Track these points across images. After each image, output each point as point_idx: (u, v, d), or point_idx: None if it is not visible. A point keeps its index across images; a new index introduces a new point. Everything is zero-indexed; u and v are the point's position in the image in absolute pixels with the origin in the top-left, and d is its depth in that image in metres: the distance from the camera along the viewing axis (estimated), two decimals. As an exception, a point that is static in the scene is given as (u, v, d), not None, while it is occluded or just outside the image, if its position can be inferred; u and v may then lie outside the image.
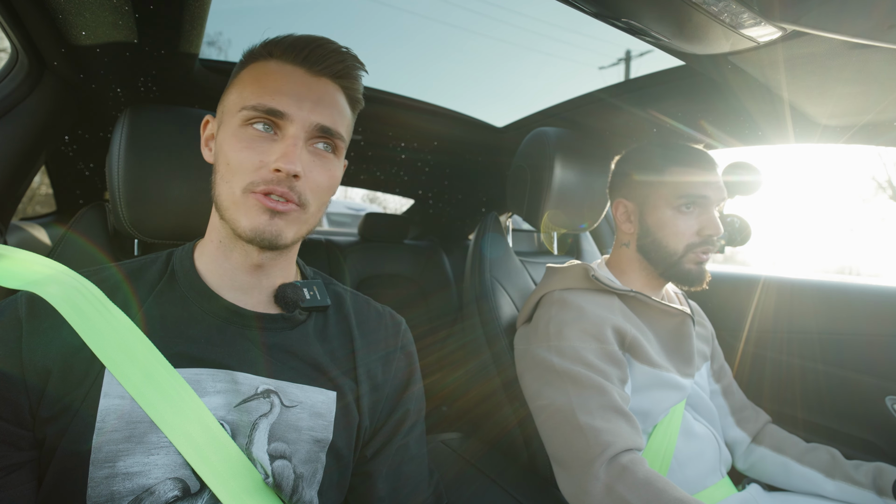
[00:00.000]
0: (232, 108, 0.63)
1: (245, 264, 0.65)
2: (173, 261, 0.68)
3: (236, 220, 0.61)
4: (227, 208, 0.62)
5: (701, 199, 1.00)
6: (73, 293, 0.59)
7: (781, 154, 2.03)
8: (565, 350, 0.96)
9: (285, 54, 0.64)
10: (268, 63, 0.64)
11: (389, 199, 13.33)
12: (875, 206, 16.33)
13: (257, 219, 0.60)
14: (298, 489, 0.61)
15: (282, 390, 0.62)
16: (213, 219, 0.67)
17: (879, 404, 1.19)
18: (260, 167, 0.60)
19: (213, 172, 0.66)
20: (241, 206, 0.61)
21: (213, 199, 0.65)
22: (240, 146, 0.61)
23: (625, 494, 0.78)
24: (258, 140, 0.61)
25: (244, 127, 0.61)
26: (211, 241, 0.67)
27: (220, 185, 0.62)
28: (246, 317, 0.65)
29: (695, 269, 1.02)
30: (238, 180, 0.60)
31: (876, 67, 0.68)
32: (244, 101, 0.61)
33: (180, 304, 0.63)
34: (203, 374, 0.59)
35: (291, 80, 0.63)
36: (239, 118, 0.61)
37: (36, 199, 6.70)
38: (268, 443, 0.60)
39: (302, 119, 0.61)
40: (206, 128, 0.70)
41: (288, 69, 0.64)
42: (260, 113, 0.60)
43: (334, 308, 0.75)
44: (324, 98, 0.64)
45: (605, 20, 0.70)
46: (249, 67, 0.65)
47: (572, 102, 1.27)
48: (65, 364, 0.56)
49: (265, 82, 0.62)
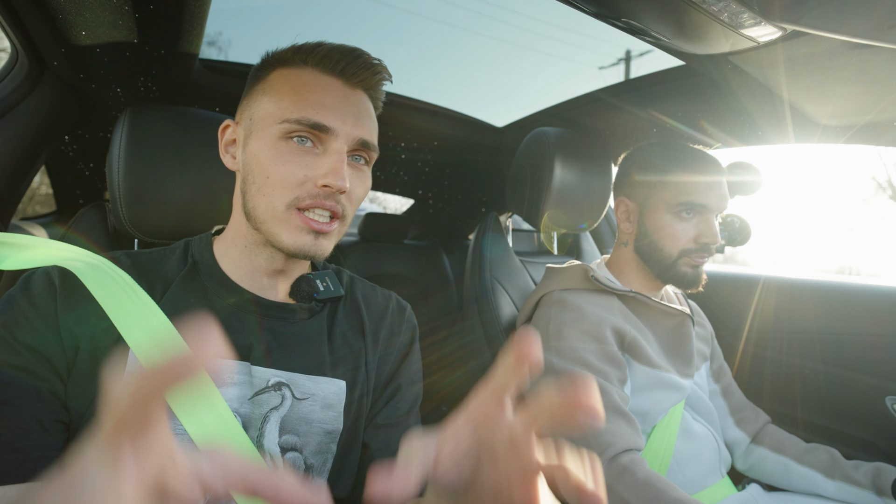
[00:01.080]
0: (268, 117, 0.62)
1: (269, 268, 0.67)
2: (192, 252, 0.68)
3: (277, 235, 0.61)
4: (266, 222, 0.61)
5: (701, 206, 1.00)
6: (98, 271, 0.59)
7: (781, 154, 2.03)
8: (565, 350, 0.96)
9: (322, 64, 0.63)
10: (302, 72, 0.63)
11: (389, 199, 13.34)
12: (875, 206, 16.35)
13: (301, 238, 0.60)
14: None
15: (293, 382, 0.63)
16: (238, 225, 0.67)
17: (879, 404, 1.19)
18: (304, 182, 0.60)
19: (241, 181, 0.65)
20: (283, 223, 0.60)
21: (243, 207, 0.65)
22: (283, 160, 0.60)
23: (625, 495, 0.78)
24: (301, 154, 0.60)
25: (285, 140, 0.60)
26: (236, 244, 0.67)
27: (257, 198, 0.62)
28: (264, 307, 0.66)
29: (690, 271, 1.02)
30: (280, 195, 0.60)
31: (876, 67, 0.68)
32: (285, 114, 0.60)
33: (201, 294, 0.64)
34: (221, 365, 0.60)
35: (332, 93, 0.62)
36: (278, 130, 0.60)
37: (36, 199, 6.70)
38: (279, 435, 0.60)
39: (346, 134, 0.61)
40: (226, 133, 0.68)
41: (326, 81, 0.63)
42: (304, 126, 0.60)
43: (346, 297, 0.75)
44: (362, 112, 0.64)
45: (605, 20, 0.70)
46: (280, 73, 0.64)
47: (572, 102, 1.27)
48: (92, 340, 0.56)
49: (305, 94, 0.61)
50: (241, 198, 0.65)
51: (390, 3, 51.87)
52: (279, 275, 0.68)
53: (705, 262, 1.03)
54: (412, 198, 2.40)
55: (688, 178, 1.01)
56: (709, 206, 1.00)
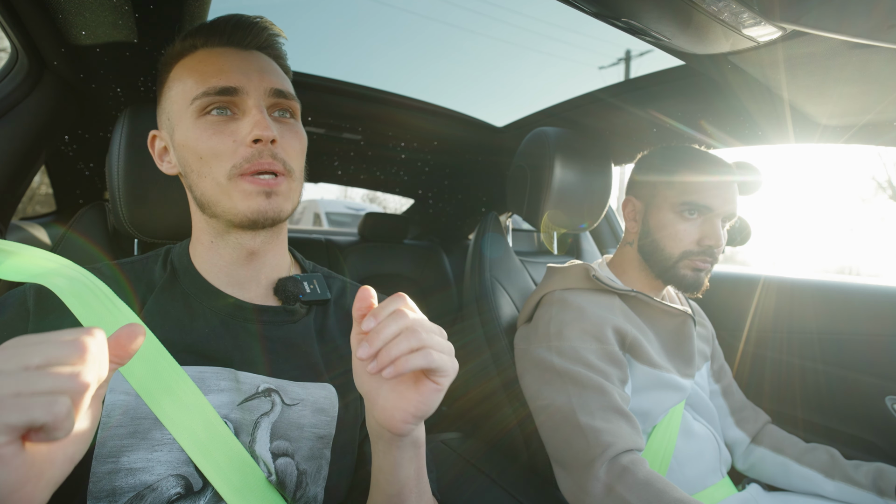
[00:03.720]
0: (179, 106, 0.62)
1: (239, 256, 0.65)
2: (172, 258, 0.68)
3: (231, 208, 0.60)
4: (216, 200, 0.61)
5: (705, 207, 0.98)
6: (79, 286, 0.59)
7: (781, 154, 2.03)
8: (566, 350, 0.95)
9: (210, 40, 0.64)
10: (194, 55, 0.64)
11: (389, 198, 13.33)
12: (875, 206, 16.34)
13: (255, 201, 0.60)
14: (302, 486, 0.61)
15: (282, 389, 0.62)
16: (197, 221, 0.67)
17: (879, 404, 1.19)
18: (236, 148, 0.60)
19: (184, 177, 0.65)
20: (232, 193, 0.60)
21: (194, 201, 0.65)
22: (206, 135, 0.60)
23: (625, 495, 0.78)
24: (222, 124, 0.60)
25: (202, 117, 0.61)
26: (201, 242, 0.67)
27: (199, 181, 0.62)
28: (248, 310, 0.65)
29: (690, 274, 1.00)
30: (218, 168, 0.60)
31: (876, 67, 0.68)
32: (191, 92, 0.61)
33: (182, 302, 0.63)
34: (207, 372, 0.59)
35: (229, 59, 0.63)
36: (192, 110, 0.61)
37: (36, 199, 6.70)
38: (270, 441, 0.60)
39: (255, 88, 0.61)
40: (155, 143, 0.69)
41: (218, 51, 0.63)
42: (213, 96, 0.60)
43: (335, 301, 0.74)
44: (264, 66, 0.64)
45: (605, 20, 0.70)
46: (178, 66, 0.65)
47: (572, 102, 1.27)
48: None
49: (203, 69, 0.61)
50: (189, 193, 0.65)
51: (390, 3, 51.88)
52: (253, 260, 0.66)
53: (709, 267, 1.00)
54: (412, 198, 2.41)
55: (693, 178, 1.00)
56: (713, 208, 0.98)
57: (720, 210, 0.98)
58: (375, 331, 0.45)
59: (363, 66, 39.78)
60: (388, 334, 0.45)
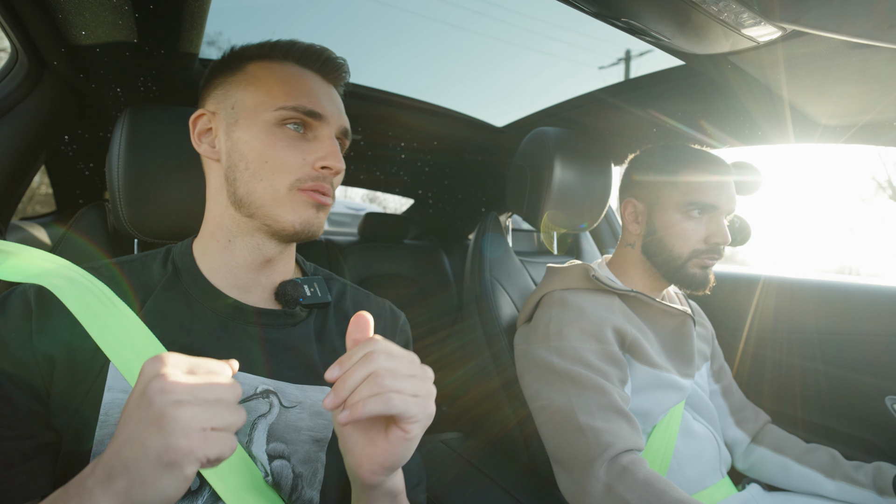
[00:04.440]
0: (258, 106, 0.64)
1: (254, 261, 0.66)
2: (174, 258, 0.68)
3: (279, 216, 0.63)
4: (265, 205, 0.63)
5: (711, 206, 0.99)
6: (78, 286, 0.59)
7: (781, 154, 2.03)
8: (565, 350, 0.95)
9: (303, 60, 0.68)
10: (284, 65, 0.67)
11: (389, 198, 13.33)
12: (875, 206, 16.34)
13: (306, 213, 0.64)
14: (298, 488, 0.61)
15: (281, 391, 0.62)
16: (219, 217, 0.67)
17: (879, 404, 1.19)
18: (303, 165, 0.63)
19: (225, 169, 0.65)
20: (286, 203, 0.63)
21: (231, 196, 0.65)
22: (281, 145, 0.63)
23: (625, 495, 0.78)
24: (296, 139, 0.64)
25: (279, 126, 0.63)
26: (217, 240, 0.67)
27: (252, 183, 0.63)
28: (248, 312, 0.65)
29: (699, 272, 1.01)
30: (281, 178, 0.63)
31: (876, 67, 0.68)
32: (278, 101, 0.63)
33: (183, 301, 0.63)
34: None
35: (317, 85, 0.67)
36: (273, 117, 0.63)
37: (36, 198, 6.70)
38: (267, 443, 0.60)
39: (334, 121, 0.67)
40: (199, 122, 0.69)
41: (309, 75, 0.68)
42: (298, 113, 0.63)
43: (335, 304, 0.75)
44: (339, 103, 0.70)
45: (605, 20, 0.70)
46: (261, 65, 0.66)
47: (572, 102, 1.27)
48: (69, 357, 0.56)
49: (295, 84, 0.65)
50: (229, 186, 0.65)
51: (390, 3, 51.85)
52: (265, 267, 0.67)
53: (714, 263, 1.02)
54: (412, 198, 2.40)
55: (698, 177, 1.00)
56: (718, 206, 0.99)
57: (724, 207, 1.00)
58: (341, 379, 0.45)
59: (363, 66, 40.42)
60: (353, 382, 0.45)
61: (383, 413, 0.45)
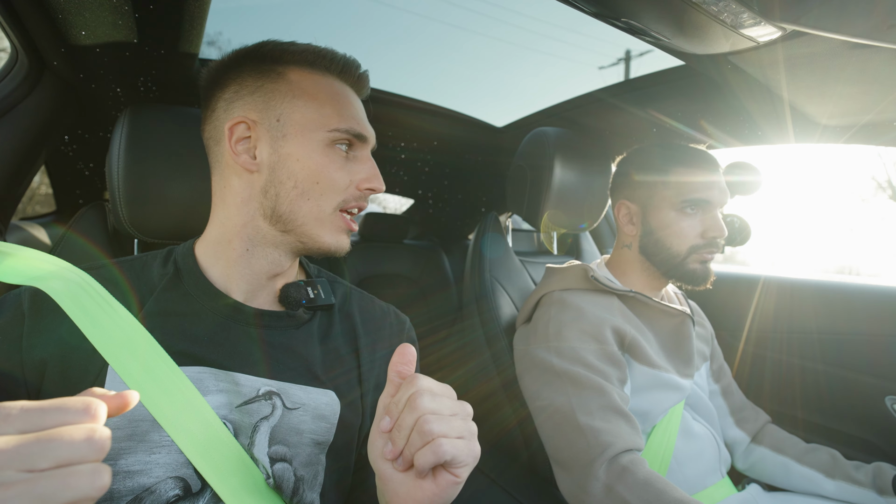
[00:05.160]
0: (310, 123, 0.64)
1: (269, 271, 0.67)
2: (175, 258, 0.68)
3: (318, 237, 0.65)
4: (307, 224, 0.64)
5: (704, 201, 1.00)
6: (75, 289, 0.58)
7: (781, 154, 2.03)
8: (565, 351, 0.95)
9: (342, 74, 0.69)
10: (327, 78, 0.68)
11: (389, 199, 13.33)
12: (875, 206, 16.34)
13: (341, 238, 0.67)
14: (299, 491, 0.60)
15: (284, 392, 0.62)
16: (242, 227, 0.65)
17: (879, 404, 1.19)
18: (349, 186, 0.66)
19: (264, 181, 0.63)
20: (328, 224, 0.65)
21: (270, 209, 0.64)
22: (334, 167, 0.64)
23: (625, 495, 0.78)
24: (343, 161, 0.66)
25: (331, 147, 0.65)
26: (233, 247, 0.66)
27: (299, 202, 0.64)
28: (250, 314, 0.65)
29: (699, 268, 1.02)
30: (329, 199, 0.64)
31: (876, 67, 0.68)
32: (331, 123, 0.64)
33: (184, 302, 0.63)
34: (206, 373, 0.59)
35: (358, 107, 0.69)
36: (327, 137, 0.64)
37: (36, 199, 6.70)
38: (268, 445, 0.60)
39: (372, 142, 0.70)
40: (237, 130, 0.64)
41: (348, 91, 0.70)
42: (349, 136, 0.65)
43: (339, 307, 0.74)
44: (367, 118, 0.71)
45: (605, 20, 0.70)
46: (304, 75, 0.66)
47: (572, 102, 1.27)
48: (63, 360, 0.56)
49: (344, 104, 0.67)
50: (266, 200, 0.64)
51: (390, 3, 51.94)
52: (275, 278, 0.69)
53: (713, 258, 1.03)
54: (412, 198, 2.40)
55: (688, 174, 1.01)
56: (711, 201, 1.01)
57: (717, 201, 1.01)
58: (396, 429, 0.46)
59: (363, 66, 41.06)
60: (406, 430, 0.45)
61: (436, 463, 0.44)
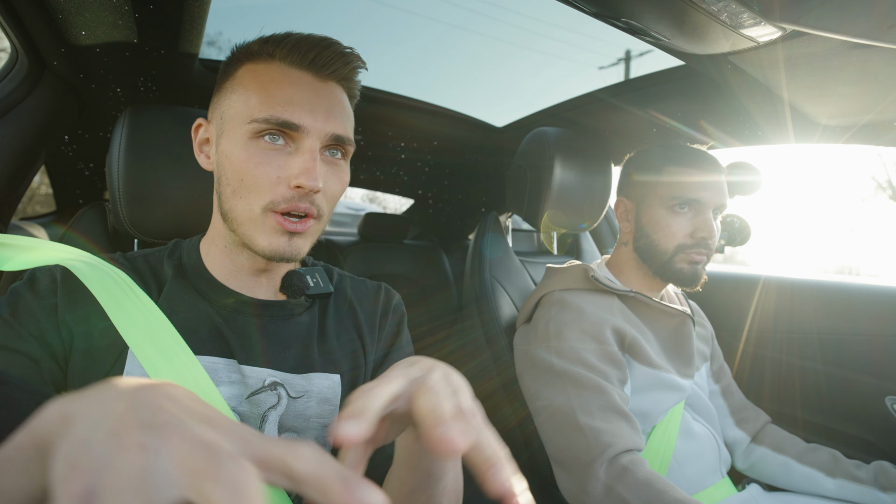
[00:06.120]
0: (237, 116, 0.60)
1: (252, 268, 0.67)
2: (181, 254, 0.69)
3: (253, 238, 0.60)
4: (243, 224, 0.60)
5: (694, 201, 0.99)
6: (101, 273, 0.59)
7: (781, 154, 2.03)
8: (565, 351, 0.95)
9: (290, 56, 0.60)
10: (269, 65, 0.60)
11: (389, 199, 13.33)
12: (875, 206, 16.34)
13: (276, 240, 0.59)
14: None
15: (287, 382, 0.63)
16: (217, 224, 0.67)
17: (879, 404, 1.19)
18: (278, 183, 0.58)
19: (216, 181, 0.64)
20: (259, 226, 0.59)
21: (219, 208, 0.64)
22: (254, 161, 0.58)
23: (625, 495, 0.78)
24: (272, 154, 0.58)
25: (255, 140, 0.58)
26: (216, 244, 0.67)
27: (233, 200, 0.60)
28: (253, 306, 0.65)
29: (687, 268, 1.01)
30: (256, 198, 0.58)
31: (876, 67, 0.68)
32: (252, 113, 0.58)
33: (191, 296, 0.64)
34: (219, 364, 0.60)
35: (301, 88, 0.59)
36: (248, 130, 0.58)
37: (36, 199, 6.70)
38: (278, 434, 0.61)
39: (317, 130, 0.59)
40: (199, 131, 0.67)
41: (295, 75, 0.60)
42: (273, 125, 0.57)
43: (336, 293, 0.75)
44: (334, 105, 0.62)
45: (605, 20, 0.70)
46: (247, 68, 0.62)
47: (572, 102, 1.27)
48: (87, 340, 0.56)
49: (273, 91, 0.58)
50: (217, 199, 0.64)
51: (390, 3, 51.88)
52: (262, 273, 0.68)
53: (704, 260, 1.02)
54: (412, 198, 2.40)
55: (682, 173, 1.01)
56: (702, 201, 0.99)
57: (710, 202, 1.00)
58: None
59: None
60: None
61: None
